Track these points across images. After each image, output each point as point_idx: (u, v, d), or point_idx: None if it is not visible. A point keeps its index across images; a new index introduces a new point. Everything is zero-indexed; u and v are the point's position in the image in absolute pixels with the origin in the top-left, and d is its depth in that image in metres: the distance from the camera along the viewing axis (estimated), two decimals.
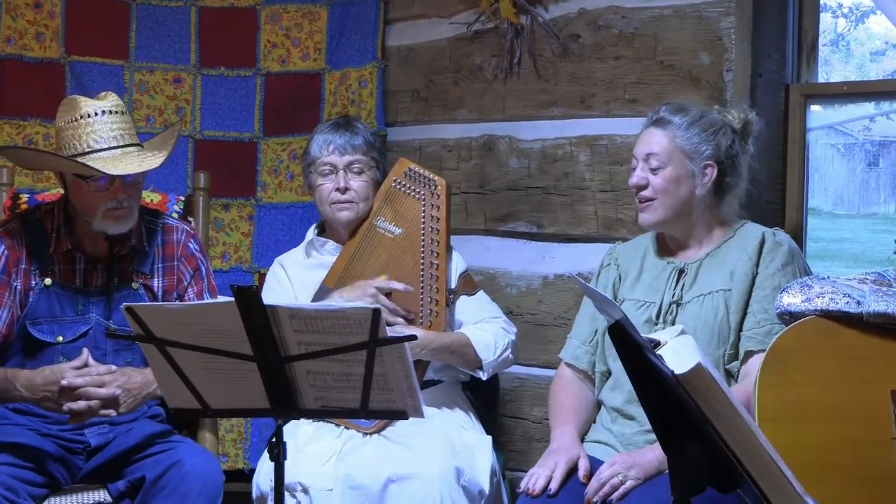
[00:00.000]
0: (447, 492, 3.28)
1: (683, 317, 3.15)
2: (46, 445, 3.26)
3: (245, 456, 4.54)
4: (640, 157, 3.20)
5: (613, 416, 3.23)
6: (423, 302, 3.62)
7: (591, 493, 2.98)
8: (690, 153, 3.15)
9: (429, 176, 3.71)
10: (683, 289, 3.19)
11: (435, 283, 3.63)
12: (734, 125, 3.22)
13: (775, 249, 3.12)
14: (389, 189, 3.73)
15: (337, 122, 3.82)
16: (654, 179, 3.16)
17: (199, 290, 3.52)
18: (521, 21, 4.18)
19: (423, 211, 3.69)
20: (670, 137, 3.16)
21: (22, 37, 4.43)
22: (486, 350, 3.58)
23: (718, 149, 3.17)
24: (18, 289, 3.36)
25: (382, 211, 3.72)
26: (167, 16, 4.62)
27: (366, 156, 3.71)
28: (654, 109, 3.25)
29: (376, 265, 3.66)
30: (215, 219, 4.56)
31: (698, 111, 3.21)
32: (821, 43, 3.84)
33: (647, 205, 3.19)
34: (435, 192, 3.69)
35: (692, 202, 3.18)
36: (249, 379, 2.61)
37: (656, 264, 3.29)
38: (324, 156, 3.70)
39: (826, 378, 2.76)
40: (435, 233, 3.66)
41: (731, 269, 3.14)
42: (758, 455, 2.08)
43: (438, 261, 3.64)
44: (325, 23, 4.69)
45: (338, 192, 3.67)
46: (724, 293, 3.12)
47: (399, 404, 2.61)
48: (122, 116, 3.31)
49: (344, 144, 3.69)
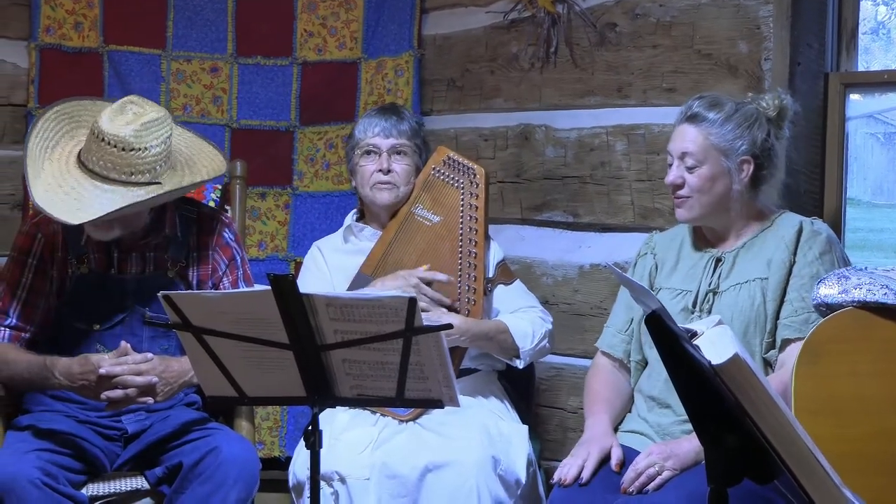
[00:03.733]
0: (483, 480, 3.28)
1: (720, 306, 3.13)
2: (84, 432, 3.28)
3: (281, 444, 4.55)
4: (676, 154, 3.16)
5: (650, 406, 3.22)
6: (461, 290, 3.62)
7: (627, 482, 2.97)
8: (726, 150, 3.11)
9: (468, 164, 3.70)
10: (720, 277, 3.17)
11: (473, 271, 3.62)
12: (769, 113, 3.17)
13: (813, 238, 3.10)
14: (428, 177, 3.72)
15: (384, 107, 3.84)
16: (690, 178, 3.13)
17: (234, 280, 3.53)
18: (558, 10, 4.16)
19: (461, 199, 3.68)
20: (705, 135, 3.11)
21: (61, 27, 4.45)
22: (524, 338, 3.58)
23: (754, 143, 3.13)
24: (55, 277, 3.38)
25: (421, 199, 3.72)
26: (204, 5, 4.63)
27: (410, 141, 3.71)
28: (687, 104, 3.19)
29: (414, 253, 3.66)
30: (252, 207, 4.57)
31: (732, 104, 3.15)
32: (861, 31, 3.80)
33: (683, 201, 3.17)
34: (474, 181, 3.68)
35: (729, 197, 3.15)
36: (285, 367, 2.62)
37: (693, 254, 3.27)
38: (368, 137, 3.70)
39: (863, 370, 2.73)
40: (473, 221, 3.66)
41: (769, 257, 3.11)
42: (795, 446, 2.07)
43: (477, 249, 3.63)
44: (361, 11, 4.69)
45: (380, 172, 3.67)
46: (761, 282, 3.10)
47: (435, 393, 2.61)
48: (132, 154, 3.19)
49: (389, 128, 3.70)
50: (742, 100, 3.22)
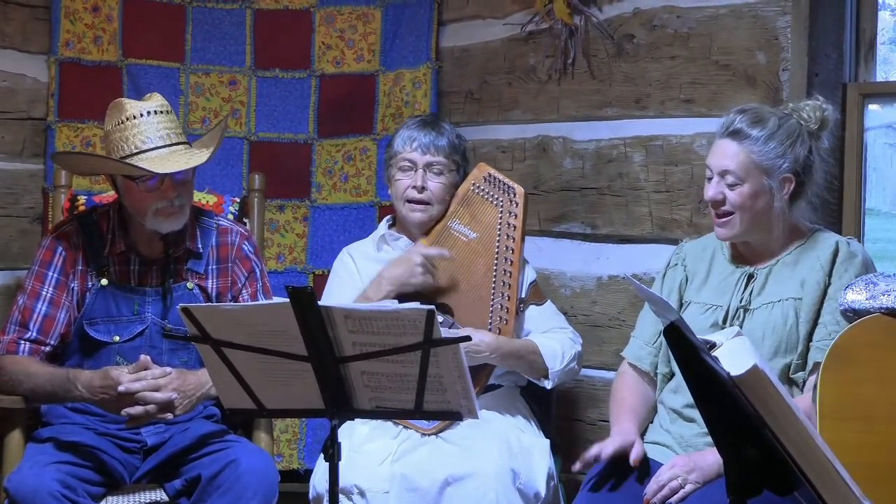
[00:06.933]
0: (503, 493, 3.27)
1: (751, 323, 3.09)
2: (104, 444, 3.29)
3: (300, 456, 4.55)
4: (716, 170, 3.09)
5: (673, 418, 3.19)
6: (493, 308, 3.60)
7: (650, 494, 2.95)
8: (768, 169, 3.04)
9: (508, 183, 3.66)
10: (752, 294, 3.13)
11: (507, 290, 3.60)
12: (811, 126, 3.11)
13: (849, 260, 3.05)
14: (468, 192, 3.70)
15: (425, 119, 3.80)
16: (731, 195, 3.07)
17: (253, 292, 3.53)
18: (575, 21, 4.16)
19: (499, 217, 3.65)
20: (747, 153, 3.04)
21: (80, 40, 4.47)
22: (554, 359, 3.57)
23: (797, 161, 3.06)
24: (76, 289, 3.39)
25: (458, 214, 3.69)
26: (222, 18, 4.65)
27: (447, 158, 3.69)
28: (729, 118, 3.11)
29: (448, 267, 3.64)
30: (270, 220, 4.58)
31: (776, 120, 3.07)
32: (879, 41, 3.79)
33: (725, 220, 3.11)
34: (514, 200, 3.65)
35: (770, 215, 3.09)
36: (304, 379, 2.62)
37: (725, 268, 3.23)
38: (406, 151, 3.69)
39: (889, 376, 2.72)
40: (511, 241, 3.63)
41: (803, 277, 3.07)
42: (815, 457, 2.06)
43: (512, 269, 3.60)
44: (379, 24, 4.70)
45: (414, 189, 3.66)
46: (794, 301, 3.06)
47: (454, 405, 2.61)
48: (168, 116, 3.33)
49: (428, 144, 3.68)
50: (783, 112, 3.14)
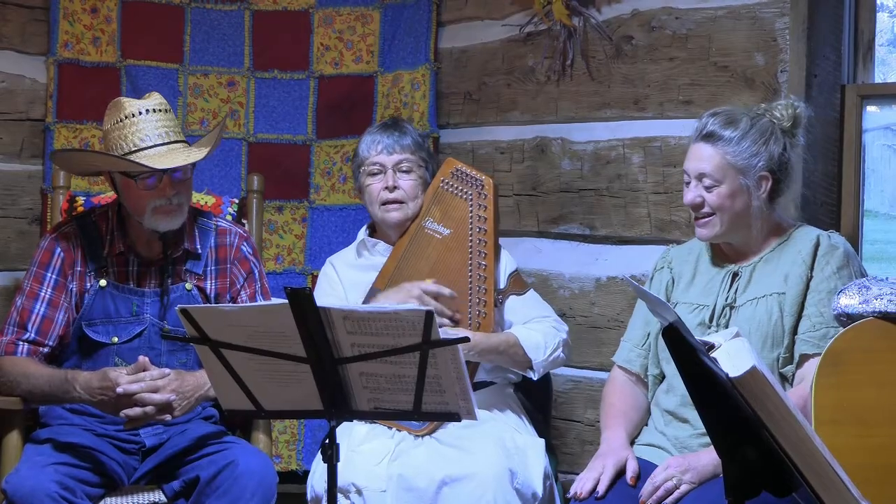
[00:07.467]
0: (501, 494, 3.27)
1: (737, 320, 3.12)
2: (102, 446, 3.29)
3: (298, 457, 4.55)
4: (692, 174, 3.13)
5: (667, 419, 3.21)
6: (471, 303, 3.61)
7: (645, 496, 2.96)
8: (744, 168, 3.07)
9: (476, 176, 3.68)
10: (737, 292, 3.16)
11: (483, 283, 3.61)
12: (784, 124, 3.14)
13: (830, 252, 3.08)
14: (437, 189, 3.71)
15: (385, 123, 3.82)
16: (710, 197, 3.10)
17: (251, 293, 3.54)
18: (574, 23, 4.16)
19: (470, 211, 3.66)
20: (721, 154, 3.08)
21: (79, 41, 4.47)
22: (536, 350, 3.56)
23: (771, 158, 3.09)
24: (74, 290, 3.39)
25: (431, 212, 3.71)
26: (221, 19, 4.65)
27: (414, 155, 3.70)
28: (702, 122, 3.15)
29: (425, 266, 3.65)
30: (269, 221, 4.59)
31: (748, 120, 3.11)
32: (877, 43, 3.80)
33: (705, 221, 3.14)
34: (482, 192, 3.67)
35: (749, 213, 3.12)
36: (302, 380, 2.62)
37: (710, 268, 3.25)
38: (372, 155, 3.70)
39: (884, 380, 2.73)
40: (482, 233, 3.64)
41: (786, 272, 3.10)
42: (813, 458, 2.06)
43: (486, 261, 3.62)
44: (377, 25, 4.70)
45: (386, 190, 3.67)
46: (778, 296, 3.09)
47: (452, 406, 2.61)
48: (167, 114, 3.34)
49: (392, 144, 3.69)
50: (756, 112, 3.17)
